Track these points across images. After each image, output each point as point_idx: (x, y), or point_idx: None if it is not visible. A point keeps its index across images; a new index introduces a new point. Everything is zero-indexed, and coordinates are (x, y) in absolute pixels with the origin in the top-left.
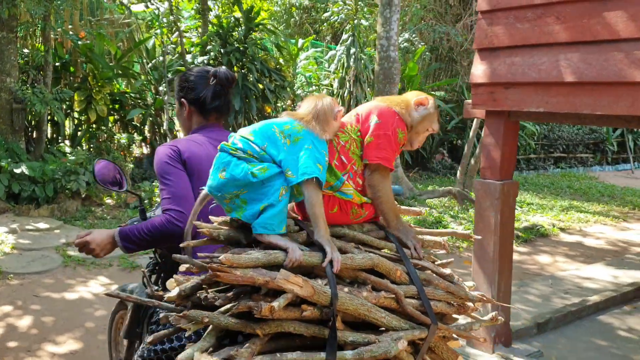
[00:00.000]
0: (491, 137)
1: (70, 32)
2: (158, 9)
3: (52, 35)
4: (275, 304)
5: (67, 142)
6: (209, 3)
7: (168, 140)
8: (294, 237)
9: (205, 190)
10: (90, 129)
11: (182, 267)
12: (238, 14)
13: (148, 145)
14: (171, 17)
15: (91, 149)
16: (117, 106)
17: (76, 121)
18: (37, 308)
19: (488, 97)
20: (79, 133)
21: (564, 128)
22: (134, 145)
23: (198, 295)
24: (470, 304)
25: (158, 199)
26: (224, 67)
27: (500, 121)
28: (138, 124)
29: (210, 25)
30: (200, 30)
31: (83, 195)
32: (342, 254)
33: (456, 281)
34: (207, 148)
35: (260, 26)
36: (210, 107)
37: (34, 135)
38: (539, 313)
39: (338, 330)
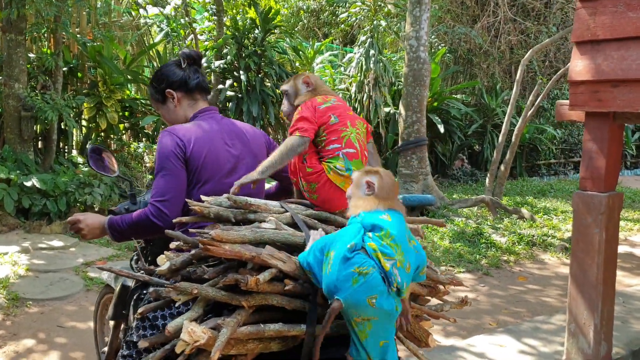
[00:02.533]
0: (593, 142)
1: (78, 35)
2: (175, 9)
3: (62, 39)
4: (260, 276)
5: (74, 151)
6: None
7: None
8: (280, 219)
9: None
10: (100, 137)
11: (172, 245)
12: (253, 16)
13: None
14: (187, 19)
15: None
16: (127, 113)
17: (84, 129)
18: (63, 341)
19: (590, 97)
20: (89, 142)
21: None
22: (145, 153)
23: (187, 269)
24: (441, 286)
25: None
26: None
27: (604, 124)
28: (149, 132)
29: (225, 28)
30: (215, 33)
31: (97, 209)
32: None
33: (429, 265)
34: (213, 143)
35: (277, 28)
36: (193, 83)
37: (40, 145)
38: (628, 339)
39: (318, 304)
